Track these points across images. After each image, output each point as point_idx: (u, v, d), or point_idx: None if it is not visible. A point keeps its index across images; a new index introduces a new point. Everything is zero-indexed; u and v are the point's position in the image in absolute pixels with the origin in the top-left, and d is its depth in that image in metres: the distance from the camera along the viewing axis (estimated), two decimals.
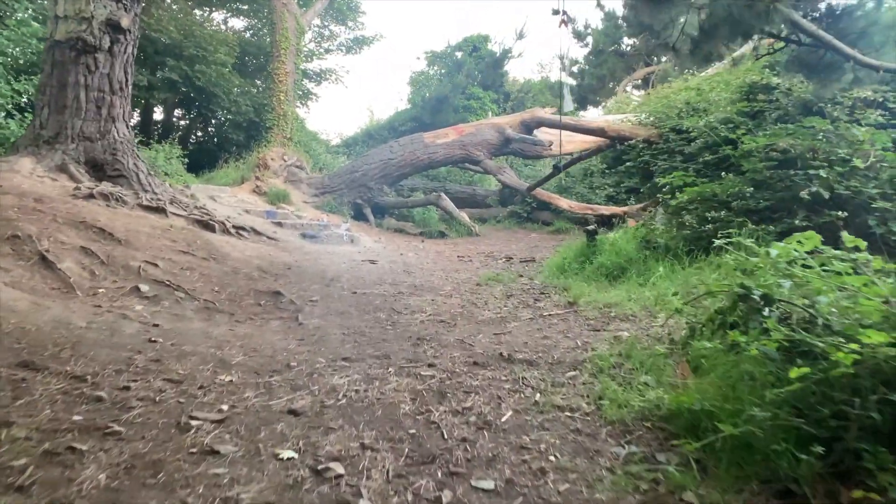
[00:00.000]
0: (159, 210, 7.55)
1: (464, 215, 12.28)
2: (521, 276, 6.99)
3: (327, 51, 27.50)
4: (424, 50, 29.87)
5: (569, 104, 8.47)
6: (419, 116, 24.67)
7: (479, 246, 10.62)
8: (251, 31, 25.61)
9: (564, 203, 11.76)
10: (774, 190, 5.66)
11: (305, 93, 25.82)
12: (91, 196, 7.19)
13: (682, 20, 5.31)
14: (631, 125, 11.69)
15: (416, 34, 61.02)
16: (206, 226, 7.92)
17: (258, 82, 22.97)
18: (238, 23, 25.46)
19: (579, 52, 28.58)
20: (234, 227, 8.54)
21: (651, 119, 11.31)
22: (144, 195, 7.93)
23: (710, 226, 5.73)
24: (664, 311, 4.41)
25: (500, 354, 3.63)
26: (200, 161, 18.40)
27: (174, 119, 24.88)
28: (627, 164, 12.94)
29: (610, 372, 3.19)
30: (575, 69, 28.06)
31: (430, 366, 3.40)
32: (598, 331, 4.24)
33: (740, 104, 7.57)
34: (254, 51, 23.26)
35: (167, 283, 5.18)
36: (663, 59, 25.49)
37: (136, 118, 23.81)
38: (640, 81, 25.31)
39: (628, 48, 28.16)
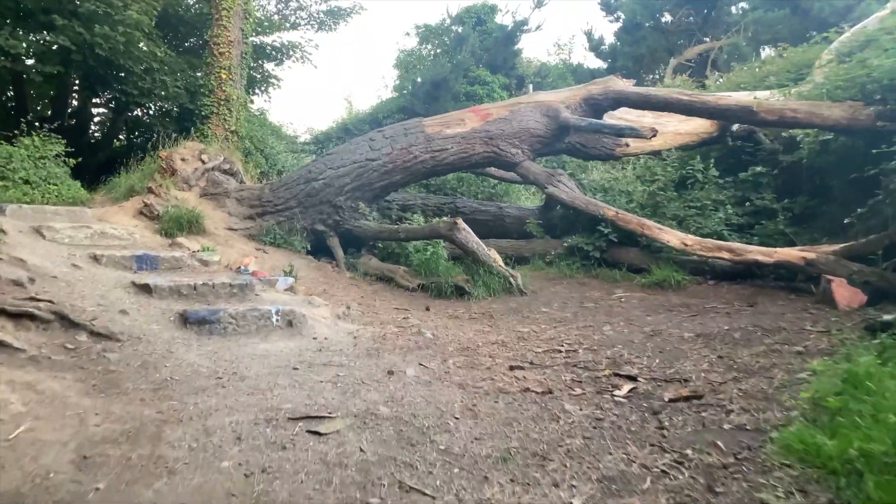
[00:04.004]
0: None
1: (496, 256, 7.60)
2: None
3: (294, 25, 22.83)
4: (415, 24, 25.29)
5: None
6: (409, 107, 20.17)
7: (537, 324, 5.93)
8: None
9: (673, 237, 7.11)
10: None
11: (264, 76, 21.15)
12: None
13: None
14: (809, 103, 7.05)
15: (403, 6, 55.73)
16: None
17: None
18: None
19: (608, 27, 24.09)
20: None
21: (853, 91, 6.65)
22: None
23: None
24: None
25: None
26: (118, 164, 13.76)
27: (92, 109, 20.21)
28: (757, 169, 8.38)
29: None
30: (605, 47, 23.57)
31: None
32: None
33: None
34: (193, 19, 18.55)
35: None
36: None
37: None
38: (692, 62, 20.84)
39: (668, 24, 23.80)
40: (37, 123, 11.61)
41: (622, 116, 9.23)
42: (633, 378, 4.22)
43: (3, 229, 5.80)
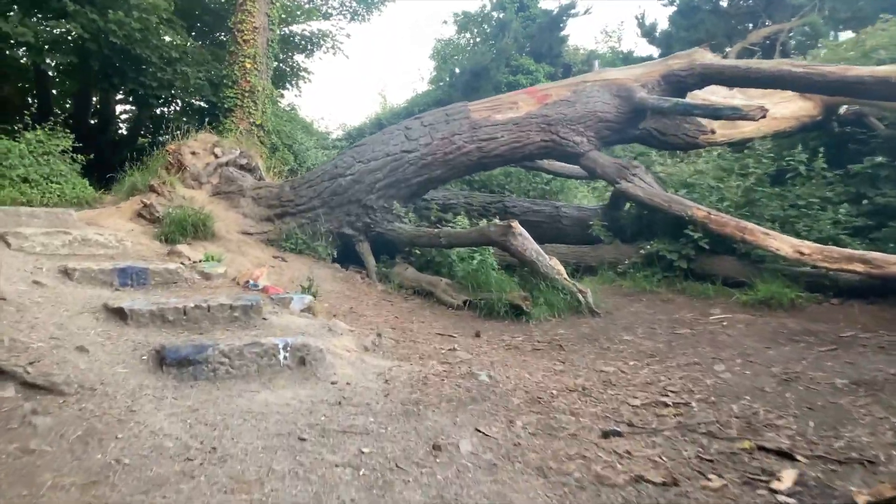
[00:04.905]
0: None
1: (559, 267, 6.30)
2: None
3: (326, 16, 21.83)
4: (453, 11, 24.04)
5: None
6: (446, 99, 18.95)
7: (623, 359, 4.62)
8: None
9: (784, 244, 5.72)
10: None
11: (293, 69, 20.22)
12: None
13: None
14: None
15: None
16: None
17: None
18: None
19: (661, 11, 22.53)
20: None
21: None
22: None
23: None
24: None
25: None
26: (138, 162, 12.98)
27: (116, 105, 19.59)
28: (877, 159, 6.96)
29: None
30: (658, 33, 21.98)
31: None
32: None
33: None
34: (219, 7, 17.67)
35: None
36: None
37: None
38: (756, 47, 19.13)
39: (728, 7, 22.11)
40: (55, 120, 10.71)
41: (705, 98, 7.85)
42: (788, 456, 2.92)
43: None
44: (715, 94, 7.92)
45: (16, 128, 9.91)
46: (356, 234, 7.80)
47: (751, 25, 21.70)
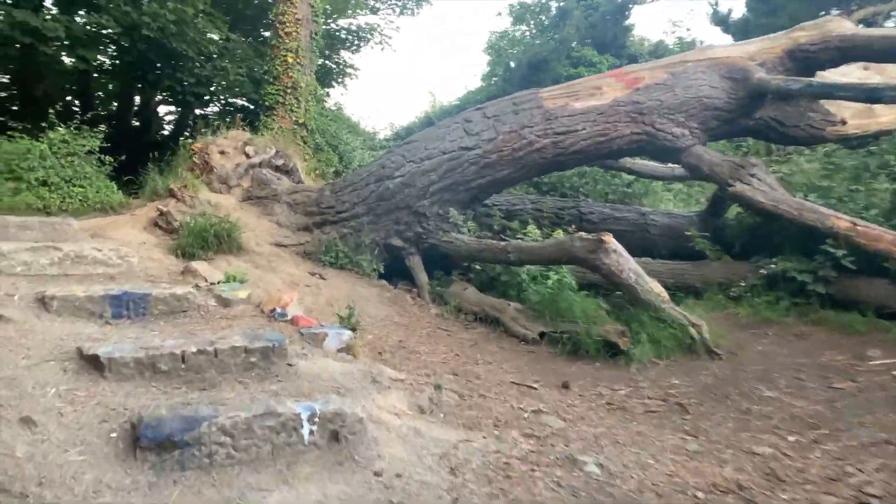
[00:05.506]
0: None
1: (663, 293, 5.04)
2: None
3: (374, 10, 20.94)
4: (509, 2, 22.80)
5: None
6: (500, 95, 17.86)
7: (775, 431, 3.35)
8: None
9: None
10: None
11: (340, 66, 19.41)
12: None
13: None
14: None
15: None
16: None
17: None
18: None
19: None
20: None
21: None
22: None
23: None
24: None
25: None
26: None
27: (159, 106, 19.22)
28: None
29: None
30: (734, 21, 20.31)
31: None
32: None
33: None
34: (263, 1, 16.98)
35: None
36: None
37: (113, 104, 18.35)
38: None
39: None
40: (82, 118, 10.03)
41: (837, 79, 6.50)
42: None
43: None
44: (847, 76, 6.56)
45: (43, 125, 9.27)
46: (406, 246, 6.73)
47: (835, 10, 19.90)
